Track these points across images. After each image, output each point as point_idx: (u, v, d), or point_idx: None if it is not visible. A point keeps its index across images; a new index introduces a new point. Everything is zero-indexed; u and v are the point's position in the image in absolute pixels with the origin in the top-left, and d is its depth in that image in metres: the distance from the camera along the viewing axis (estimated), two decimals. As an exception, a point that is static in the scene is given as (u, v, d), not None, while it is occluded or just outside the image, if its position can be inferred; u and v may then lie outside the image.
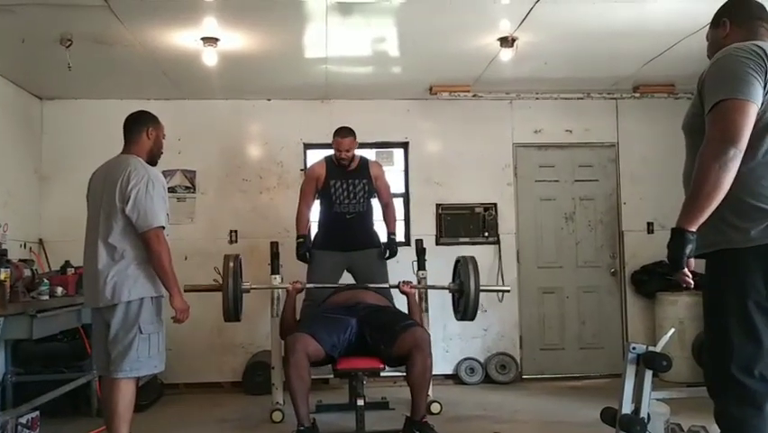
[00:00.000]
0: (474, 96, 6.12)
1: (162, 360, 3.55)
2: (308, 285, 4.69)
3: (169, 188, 6.06)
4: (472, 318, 4.70)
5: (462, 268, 4.59)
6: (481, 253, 5.55)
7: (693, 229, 2.17)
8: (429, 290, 5.09)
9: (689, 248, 2.17)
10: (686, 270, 2.22)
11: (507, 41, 4.78)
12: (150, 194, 3.36)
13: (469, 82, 5.92)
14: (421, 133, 6.37)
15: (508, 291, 5.46)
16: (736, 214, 2.20)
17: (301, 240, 5.14)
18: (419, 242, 5.33)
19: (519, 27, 4.57)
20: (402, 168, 6.40)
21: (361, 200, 5.10)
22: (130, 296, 3.35)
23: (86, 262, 3.51)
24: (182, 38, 4.62)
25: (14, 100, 5.60)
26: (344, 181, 5.05)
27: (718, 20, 2.50)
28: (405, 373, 4.09)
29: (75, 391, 4.77)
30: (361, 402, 4.14)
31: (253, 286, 4.64)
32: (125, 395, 3.43)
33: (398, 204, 6.37)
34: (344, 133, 5.04)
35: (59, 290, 4.43)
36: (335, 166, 5.09)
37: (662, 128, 6.04)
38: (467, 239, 6.08)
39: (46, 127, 6.04)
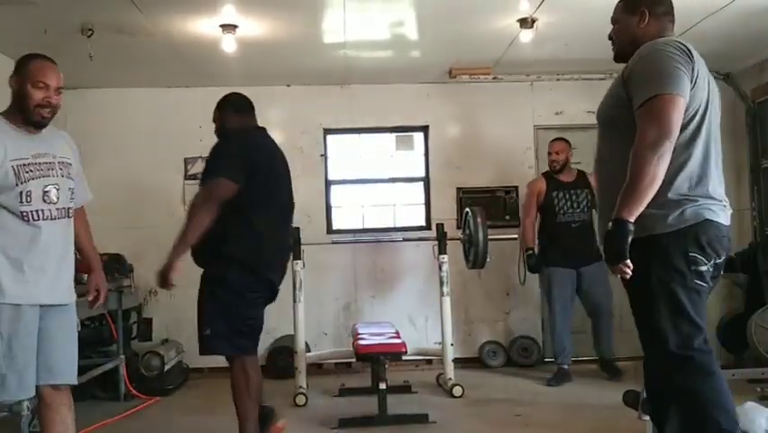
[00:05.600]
0: (494, 78, 6.07)
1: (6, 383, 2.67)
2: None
3: (190, 175, 6.20)
4: (482, 266, 5.05)
5: (471, 219, 4.97)
6: (503, 237, 5.54)
7: (632, 220, 2.23)
8: (450, 276, 5.16)
9: (630, 238, 2.24)
10: (627, 261, 2.27)
11: (526, 23, 4.73)
12: None
13: (489, 64, 5.87)
14: (441, 116, 6.34)
15: (515, 239, 5.64)
16: (653, 203, 2.27)
17: (530, 252, 5.41)
18: (440, 226, 5.33)
19: (539, 8, 4.51)
20: (422, 152, 6.39)
21: (585, 209, 5.35)
22: None
23: None
24: (201, 25, 4.64)
25: None
26: (566, 192, 5.36)
27: (636, 8, 2.55)
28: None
29: (103, 376, 4.87)
30: (383, 386, 4.18)
31: None
32: None
33: (419, 188, 6.38)
34: (558, 138, 5.59)
35: (85, 276, 4.49)
36: (554, 179, 5.41)
37: (686, 108, 5.94)
38: (488, 222, 6.06)
39: (69, 116, 6.09)
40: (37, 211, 2.73)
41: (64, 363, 2.84)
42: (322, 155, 6.28)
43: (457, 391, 4.88)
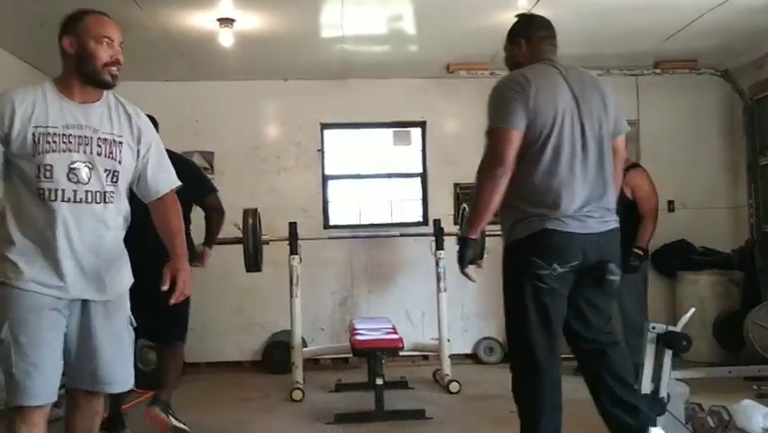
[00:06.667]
0: (492, 73, 6.03)
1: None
2: None
3: (187, 169, 6.16)
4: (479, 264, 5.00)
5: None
6: (500, 233, 5.54)
7: (474, 237, 2.65)
8: (447, 270, 5.12)
9: (471, 253, 2.67)
10: (467, 270, 2.74)
11: (525, 18, 4.72)
12: None
13: (487, 60, 5.85)
14: (439, 112, 6.33)
15: None
16: (508, 219, 2.62)
17: None
18: (437, 222, 5.33)
19: (537, 3, 4.50)
20: (419, 147, 6.38)
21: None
22: None
23: None
24: (198, 19, 4.62)
25: (35, 84, 5.64)
26: None
27: (515, 39, 2.91)
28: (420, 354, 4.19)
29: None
30: (380, 381, 4.18)
31: (272, 238, 4.97)
32: None
33: (416, 184, 6.38)
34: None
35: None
36: None
37: (684, 105, 5.95)
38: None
39: (65, 110, 6.09)
40: (57, 190, 2.29)
41: (110, 368, 2.40)
42: (319, 150, 6.26)
43: (454, 387, 4.89)
